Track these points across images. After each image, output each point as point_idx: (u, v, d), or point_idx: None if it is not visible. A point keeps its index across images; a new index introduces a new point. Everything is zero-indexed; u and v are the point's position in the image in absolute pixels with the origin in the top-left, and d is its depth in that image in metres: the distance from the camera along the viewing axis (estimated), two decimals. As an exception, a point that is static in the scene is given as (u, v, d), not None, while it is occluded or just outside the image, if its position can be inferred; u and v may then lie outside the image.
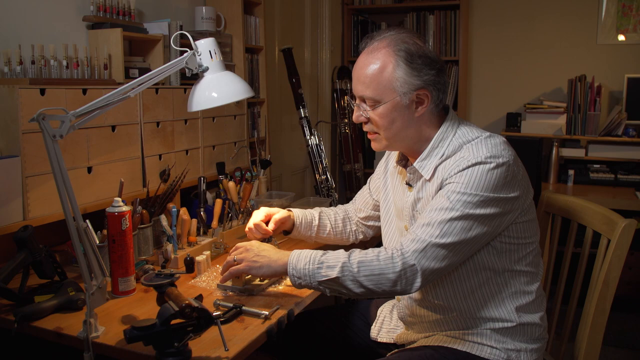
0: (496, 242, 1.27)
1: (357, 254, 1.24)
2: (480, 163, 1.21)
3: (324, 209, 1.67)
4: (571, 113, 3.37)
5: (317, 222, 1.62)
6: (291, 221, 1.61)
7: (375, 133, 1.34)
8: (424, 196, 1.33)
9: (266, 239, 1.61)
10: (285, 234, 1.65)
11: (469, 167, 1.21)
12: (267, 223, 1.57)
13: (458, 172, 1.23)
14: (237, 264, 1.36)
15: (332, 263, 1.23)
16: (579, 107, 3.35)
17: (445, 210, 1.21)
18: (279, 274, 1.32)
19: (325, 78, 3.75)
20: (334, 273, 1.22)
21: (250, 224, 1.55)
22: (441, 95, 1.31)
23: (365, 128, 1.36)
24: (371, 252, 1.24)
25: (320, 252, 1.27)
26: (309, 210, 1.64)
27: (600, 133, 3.33)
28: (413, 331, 1.45)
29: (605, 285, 1.37)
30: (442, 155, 1.29)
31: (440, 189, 1.26)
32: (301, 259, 1.27)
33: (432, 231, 1.20)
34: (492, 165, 1.20)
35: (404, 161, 1.43)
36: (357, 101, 1.34)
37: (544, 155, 3.28)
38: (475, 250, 1.25)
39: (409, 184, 1.38)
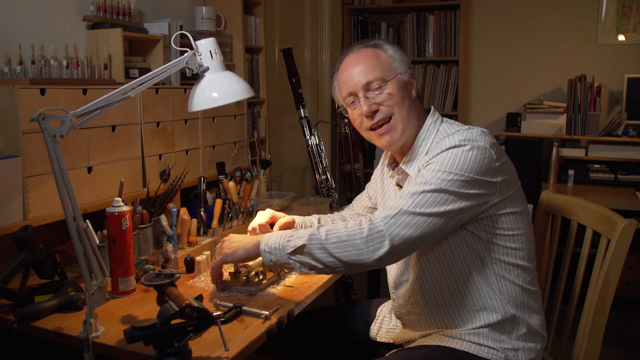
0: (481, 232, 1.27)
1: (327, 225, 1.26)
2: (455, 146, 1.24)
3: (322, 216, 1.68)
4: (571, 113, 3.37)
5: None
6: (293, 227, 1.60)
7: (388, 122, 1.34)
8: None
9: None
10: None
11: (444, 150, 1.24)
12: (271, 225, 1.56)
13: (434, 156, 1.25)
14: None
15: (302, 234, 1.24)
16: (579, 107, 3.35)
17: (419, 184, 1.22)
18: (253, 253, 1.31)
19: (325, 78, 3.75)
20: (301, 241, 1.22)
21: (255, 223, 1.54)
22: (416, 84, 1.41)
23: (377, 117, 1.34)
24: (340, 223, 1.26)
25: (293, 230, 1.30)
26: (307, 217, 1.64)
27: (600, 133, 3.33)
28: (410, 330, 1.45)
29: (605, 285, 1.37)
30: (426, 153, 1.32)
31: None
32: (274, 236, 1.28)
33: (405, 202, 1.21)
34: (468, 147, 1.22)
35: (394, 164, 1.45)
36: (362, 94, 1.34)
37: (544, 155, 3.28)
38: (449, 228, 1.24)
39: (399, 185, 1.41)
